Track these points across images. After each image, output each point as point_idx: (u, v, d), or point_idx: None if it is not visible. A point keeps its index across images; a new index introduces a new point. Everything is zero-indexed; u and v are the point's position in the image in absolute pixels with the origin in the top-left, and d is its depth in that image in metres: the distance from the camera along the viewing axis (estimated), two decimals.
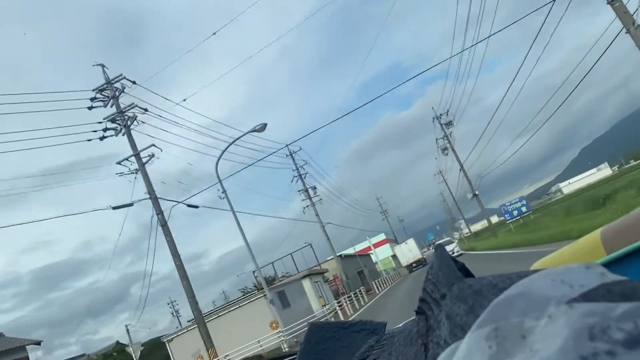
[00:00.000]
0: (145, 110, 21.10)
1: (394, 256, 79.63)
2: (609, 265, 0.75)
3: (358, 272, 49.90)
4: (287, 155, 41.10)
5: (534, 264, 1.10)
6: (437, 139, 48.44)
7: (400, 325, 0.67)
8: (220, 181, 20.54)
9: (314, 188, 42.89)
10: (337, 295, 38.90)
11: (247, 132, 20.55)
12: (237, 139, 21.19)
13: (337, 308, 29.26)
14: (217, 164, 20.56)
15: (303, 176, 42.32)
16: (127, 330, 33.91)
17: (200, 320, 20.36)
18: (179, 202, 21.76)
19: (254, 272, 45.10)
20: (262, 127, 20.22)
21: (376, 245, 78.52)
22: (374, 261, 67.14)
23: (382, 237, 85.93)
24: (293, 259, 43.74)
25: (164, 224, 20.20)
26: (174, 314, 73.48)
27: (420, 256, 56.56)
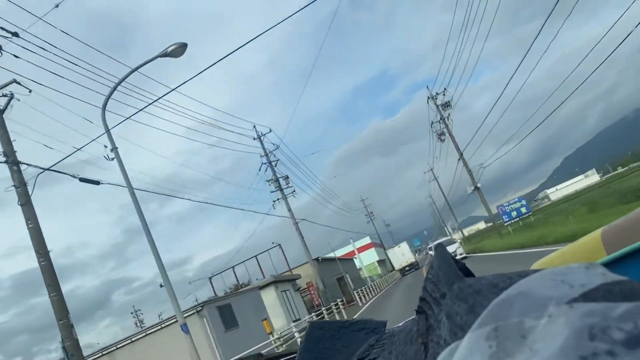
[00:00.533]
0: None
1: (381, 261, 75.85)
2: (610, 265, 0.75)
3: (338, 279, 42.70)
4: (254, 139, 34.08)
5: (534, 263, 1.10)
6: (432, 123, 39.13)
7: (401, 324, 0.68)
8: (108, 131, 12.83)
9: (286, 178, 35.15)
10: (312, 308, 33.46)
11: (158, 56, 12.35)
12: (139, 67, 13.12)
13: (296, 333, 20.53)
14: (103, 108, 12.74)
15: (274, 163, 34.86)
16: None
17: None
18: (59, 172, 13.12)
19: (210, 277, 38.67)
20: (181, 49, 12.43)
21: (360, 249, 69.90)
22: (358, 267, 61.01)
23: (367, 240, 77.33)
24: (258, 263, 36.66)
25: (25, 203, 12.01)
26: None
27: (413, 259, 55.67)
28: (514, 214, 33.10)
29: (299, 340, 18.56)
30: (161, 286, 12.74)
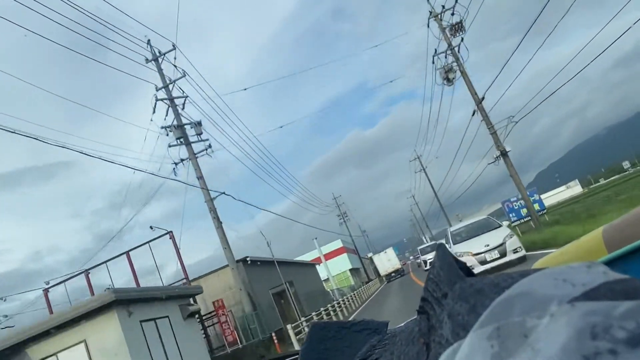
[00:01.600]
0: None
1: (355, 270, 65.44)
2: (611, 263, 0.75)
3: (277, 294, 25.78)
4: (148, 61, 20.27)
5: (536, 262, 1.10)
6: (434, 56, 22.73)
7: (403, 324, 0.68)
8: None
9: (199, 124, 20.47)
10: (220, 348, 17.90)
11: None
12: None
13: None
14: None
15: (179, 105, 20.61)
16: None
17: None
18: None
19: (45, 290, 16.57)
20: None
21: (329, 255, 58.05)
22: (325, 277, 47.46)
23: (337, 244, 62.87)
24: (108, 271, 17.08)
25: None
26: None
27: (399, 266, 54.84)
28: (524, 211, 26.44)
29: None
30: None
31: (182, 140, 20.31)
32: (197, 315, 15.17)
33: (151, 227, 17.59)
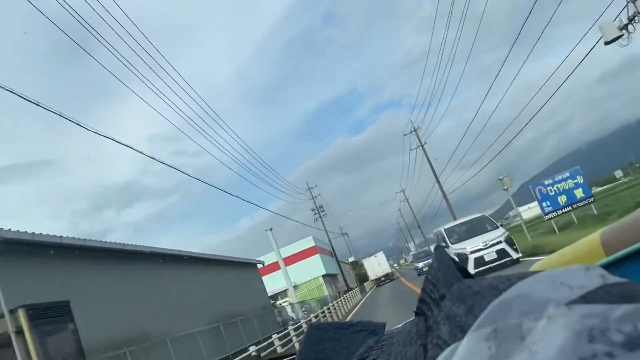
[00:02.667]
0: None
1: (331, 276, 53.03)
2: (609, 267, 0.75)
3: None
4: None
5: (534, 265, 1.10)
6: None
7: (400, 325, 0.68)
8: None
9: None
10: None
11: None
12: None
13: None
14: None
15: None
16: None
17: None
18: None
19: None
20: None
21: (296, 257, 46.65)
22: (284, 287, 35.95)
23: (309, 242, 50.23)
24: None
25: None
26: None
27: (389, 270, 53.54)
28: (562, 199, 18.38)
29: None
30: None
31: None
32: None
33: None
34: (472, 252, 12.80)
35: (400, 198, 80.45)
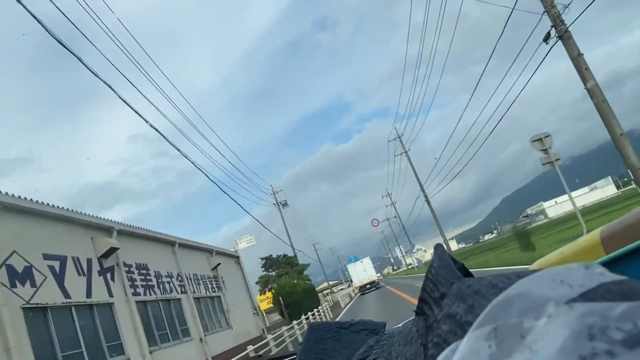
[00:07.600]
0: None
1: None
2: (608, 264, 0.75)
3: None
4: None
5: (534, 263, 1.11)
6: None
7: (400, 325, 0.68)
8: None
9: None
10: None
11: None
12: None
13: None
14: None
15: None
16: None
17: None
18: None
19: None
20: None
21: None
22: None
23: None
24: None
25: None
26: None
27: (375, 277, 50.47)
28: None
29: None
30: None
31: None
32: None
33: None
34: None
35: (386, 202, 78.91)
